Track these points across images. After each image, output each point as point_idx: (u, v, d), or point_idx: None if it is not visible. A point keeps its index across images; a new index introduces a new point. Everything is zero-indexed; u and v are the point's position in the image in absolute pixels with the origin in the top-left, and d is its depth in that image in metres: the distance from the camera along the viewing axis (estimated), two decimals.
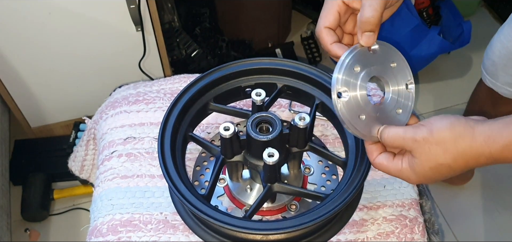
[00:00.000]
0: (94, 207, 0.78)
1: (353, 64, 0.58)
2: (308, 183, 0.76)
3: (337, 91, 0.57)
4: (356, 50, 0.58)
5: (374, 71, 0.59)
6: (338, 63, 0.58)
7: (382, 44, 0.60)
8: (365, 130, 0.59)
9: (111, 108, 0.89)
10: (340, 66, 0.58)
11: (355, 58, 0.58)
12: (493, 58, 1.09)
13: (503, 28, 1.05)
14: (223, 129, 0.65)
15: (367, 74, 0.59)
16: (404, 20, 1.60)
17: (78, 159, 1.03)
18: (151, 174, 0.78)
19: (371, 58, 0.59)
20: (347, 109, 0.58)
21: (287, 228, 0.60)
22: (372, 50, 0.59)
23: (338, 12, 0.61)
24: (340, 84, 0.57)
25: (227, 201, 0.74)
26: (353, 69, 0.58)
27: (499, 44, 1.06)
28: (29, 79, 1.42)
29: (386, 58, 0.60)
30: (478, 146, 0.51)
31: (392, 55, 0.61)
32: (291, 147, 0.70)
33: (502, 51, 1.05)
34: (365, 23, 0.57)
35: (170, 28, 1.62)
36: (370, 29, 0.58)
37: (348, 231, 0.71)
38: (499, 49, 1.06)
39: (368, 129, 0.59)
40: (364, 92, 0.59)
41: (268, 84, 0.77)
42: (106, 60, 1.43)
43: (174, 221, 0.73)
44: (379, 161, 0.59)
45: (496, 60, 1.07)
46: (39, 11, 1.25)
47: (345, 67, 0.57)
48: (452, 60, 1.89)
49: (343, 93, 0.57)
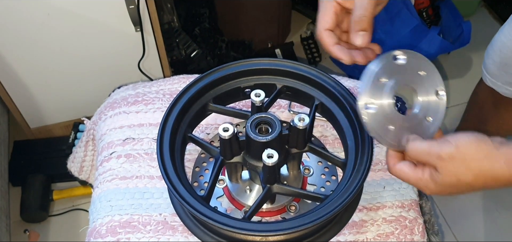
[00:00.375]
0: (93, 209, 0.77)
1: (380, 74, 0.58)
2: (308, 184, 0.76)
3: (364, 102, 0.57)
4: (382, 61, 0.58)
5: (402, 81, 0.59)
6: (364, 73, 0.58)
7: (409, 53, 0.59)
8: (394, 140, 0.58)
9: (110, 109, 0.89)
10: (366, 77, 0.57)
11: (382, 68, 0.58)
12: (494, 57, 1.08)
13: (504, 27, 1.05)
14: (222, 130, 0.65)
15: (395, 84, 0.58)
16: (404, 20, 1.60)
17: (77, 160, 1.03)
18: (150, 175, 0.78)
19: (398, 68, 0.59)
20: (375, 120, 0.57)
21: (287, 230, 0.60)
22: (399, 59, 0.59)
23: (335, 13, 0.62)
24: (367, 96, 0.57)
25: (227, 202, 0.74)
26: (380, 79, 0.57)
27: (500, 44, 1.06)
28: (28, 79, 1.42)
29: (414, 66, 0.60)
30: (499, 167, 0.51)
31: (421, 63, 0.60)
32: (291, 148, 0.70)
33: (503, 50, 1.05)
34: (357, 23, 0.59)
35: (169, 28, 1.61)
36: (362, 28, 0.59)
37: (348, 232, 0.71)
38: (500, 48, 1.06)
39: (397, 140, 0.58)
40: (392, 101, 0.58)
41: (268, 85, 0.77)
42: (105, 61, 1.43)
43: (173, 223, 0.72)
44: (399, 167, 0.58)
45: (497, 59, 1.07)
46: (37, 12, 1.24)
47: (372, 78, 0.57)
48: (452, 60, 1.88)
49: (370, 105, 0.57)
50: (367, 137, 0.67)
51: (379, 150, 0.80)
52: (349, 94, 0.72)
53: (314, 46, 1.91)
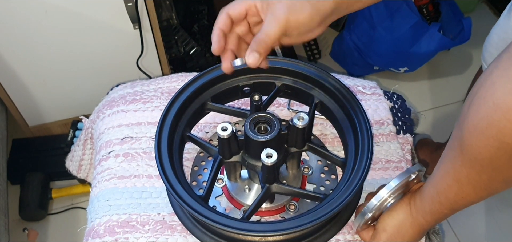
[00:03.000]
0: (91, 208, 0.77)
1: (392, 194, 0.64)
2: (307, 183, 0.75)
3: (365, 220, 0.65)
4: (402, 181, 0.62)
5: (399, 196, 0.66)
6: (380, 193, 0.63)
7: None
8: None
9: (108, 107, 0.88)
10: (379, 199, 0.64)
11: (396, 189, 0.63)
12: (490, 50, 1.09)
13: (500, 20, 1.05)
14: (221, 129, 0.64)
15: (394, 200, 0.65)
16: (404, 17, 1.59)
17: (75, 158, 1.02)
18: (148, 174, 0.78)
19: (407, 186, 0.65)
20: (363, 223, 0.66)
21: (286, 230, 0.60)
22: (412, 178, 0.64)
23: (246, 10, 0.63)
24: (370, 211, 0.64)
25: (225, 201, 0.74)
26: (389, 199, 0.64)
27: (495, 37, 1.07)
28: (27, 78, 1.41)
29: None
30: (423, 222, 0.62)
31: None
32: (290, 147, 0.69)
33: (499, 43, 1.05)
34: (256, 43, 0.60)
35: (168, 25, 1.61)
36: (258, 50, 0.60)
37: (347, 231, 0.71)
38: (496, 41, 1.06)
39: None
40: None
41: (267, 83, 0.76)
42: (104, 58, 1.42)
43: (172, 222, 0.72)
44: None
45: (493, 52, 1.08)
46: (35, 10, 1.24)
47: (383, 199, 0.64)
48: (452, 57, 1.88)
49: (366, 216, 0.64)
50: (367, 136, 0.67)
51: (379, 149, 0.80)
52: (349, 93, 0.72)
53: (314, 44, 1.90)
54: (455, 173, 0.54)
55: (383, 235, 0.64)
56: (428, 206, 0.60)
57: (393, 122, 0.84)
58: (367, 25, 1.65)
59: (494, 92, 0.46)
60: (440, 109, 1.75)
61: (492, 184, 0.52)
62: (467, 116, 0.49)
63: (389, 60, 1.69)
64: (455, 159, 0.54)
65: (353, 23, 1.72)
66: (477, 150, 0.49)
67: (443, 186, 0.57)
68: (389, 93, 0.89)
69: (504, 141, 0.46)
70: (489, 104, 0.46)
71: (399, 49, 1.62)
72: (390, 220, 0.64)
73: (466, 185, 0.54)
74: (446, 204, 0.57)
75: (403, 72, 1.73)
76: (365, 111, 0.69)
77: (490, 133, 0.46)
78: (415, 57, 1.64)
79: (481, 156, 0.49)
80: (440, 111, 1.75)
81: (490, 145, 0.47)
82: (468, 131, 0.49)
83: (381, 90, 0.89)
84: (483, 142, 0.48)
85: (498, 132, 0.45)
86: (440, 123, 1.70)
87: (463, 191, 0.54)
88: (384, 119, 0.84)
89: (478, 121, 0.47)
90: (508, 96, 0.44)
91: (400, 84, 1.78)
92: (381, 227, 0.65)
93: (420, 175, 0.65)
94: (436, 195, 0.58)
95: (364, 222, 0.65)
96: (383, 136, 0.82)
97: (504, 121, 0.44)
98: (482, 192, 0.54)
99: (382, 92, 0.89)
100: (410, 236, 0.63)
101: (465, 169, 0.52)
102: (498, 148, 0.47)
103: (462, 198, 0.55)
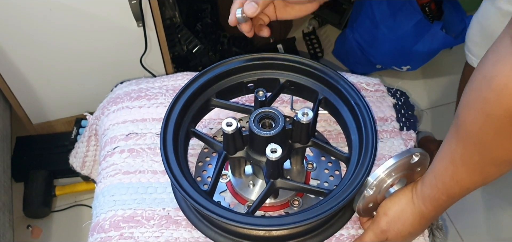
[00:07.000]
0: (96, 203, 0.77)
1: (393, 171, 0.64)
2: (311, 179, 0.76)
3: (363, 197, 0.64)
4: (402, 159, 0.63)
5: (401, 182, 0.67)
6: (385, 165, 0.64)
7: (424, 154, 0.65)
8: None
9: (113, 104, 0.89)
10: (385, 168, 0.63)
11: (398, 165, 0.63)
12: (473, 39, 1.12)
13: (481, 7, 1.07)
14: (226, 125, 0.64)
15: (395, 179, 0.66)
16: (406, 15, 1.59)
17: (79, 155, 1.03)
18: (153, 170, 0.78)
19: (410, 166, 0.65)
20: (363, 202, 0.66)
21: (290, 224, 0.60)
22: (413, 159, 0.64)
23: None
24: (369, 187, 0.64)
25: (230, 197, 0.74)
26: (390, 176, 0.64)
27: (477, 25, 1.09)
28: (31, 75, 1.42)
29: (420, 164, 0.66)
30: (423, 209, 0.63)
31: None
32: (294, 143, 0.69)
33: (481, 31, 1.07)
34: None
35: (171, 23, 1.61)
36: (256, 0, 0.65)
37: (351, 226, 0.71)
38: (477, 29, 1.09)
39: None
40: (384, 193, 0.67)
41: (271, 79, 0.77)
42: (107, 56, 1.43)
43: (177, 217, 0.72)
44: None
45: (476, 40, 1.11)
46: (40, 7, 1.24)
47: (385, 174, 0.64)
48: (455, 56, 1.88)
49: (366, 191, 0.64)
50: (371, 131, 0.67)
51: (382, 146, 0.80)
52: (353, 89, 0.72)
53: (316, 42, 1.91)
54: (451, 153, 0.55)
55: (384, 219, 0.65)
56: (427, 191, 0.61)
57: (396, 118, 0.84)
58: (369, 24, 1.65)
59: (484, 65, 0.48)
60: (442, 107, 1.75)
61: (484, 165, 0.53)
62: (463, 94, 0.51)
63: (392, 59, 1.69)
64: (451, 139, 0.55)
65: (355, 22, 1.72)
66: (468, 125, 0.51)
67: (440, 169, 0.58)
68: (392, 90, 0.89)
69: (490, 113, 0.47)
70: (479, 77, 0.48)
71: (402, 48, 1.62)
72: (392, 204, 0.65)
73: (460, 166, 0.55)
74: (443, 189, 0.58)
75: (405, 70, 1.73)
76: (369, 106, 0.70)
77: (478, 106, 0.48)
78: (418, 56, 1.64)
79: (471, 131, 0.51)
80: (442, 109, 1.75)
81: (478, 119, 0.49)
82: (461, 106, 0.51)
83: (384, 87, 0.89)
84: (472, 115, 0.49)
85: (484, 104, 0.47)
86: (442, 121, 1.70)
87: (457, 174, 0.56)
88: (388, 116, 0.84)
89: (470, 94, 0.50)
90: (495, 66, 0.46)
91: (402, 83, 1.79)
92: (382, 211, 0.65)
93: (424, 164, 0.65)
94: (434, 179, 0.59)
95: (362, 199, 0.64)
96: (387, 133, 0.82)
97: (489, 91, 0.46)
98: (476, 176, 0.55)
99: (385, 88, 0.89)
100: (411, 223, 0.64)
101: (459, 148, 0.54)
102: (484, 122, 0.48)
103: (457, 182, 0.56)
